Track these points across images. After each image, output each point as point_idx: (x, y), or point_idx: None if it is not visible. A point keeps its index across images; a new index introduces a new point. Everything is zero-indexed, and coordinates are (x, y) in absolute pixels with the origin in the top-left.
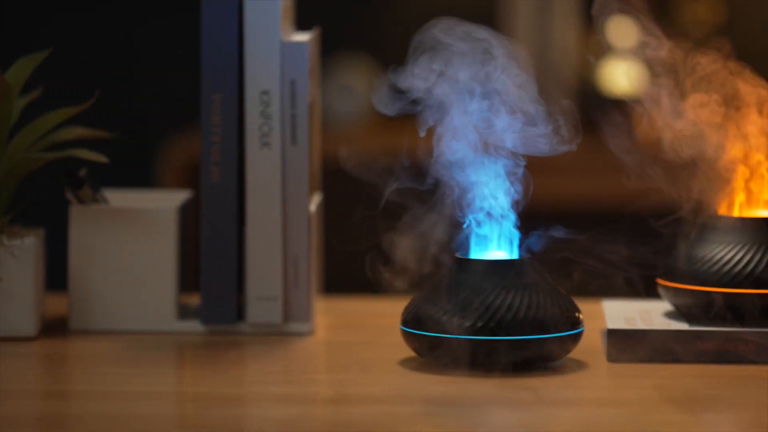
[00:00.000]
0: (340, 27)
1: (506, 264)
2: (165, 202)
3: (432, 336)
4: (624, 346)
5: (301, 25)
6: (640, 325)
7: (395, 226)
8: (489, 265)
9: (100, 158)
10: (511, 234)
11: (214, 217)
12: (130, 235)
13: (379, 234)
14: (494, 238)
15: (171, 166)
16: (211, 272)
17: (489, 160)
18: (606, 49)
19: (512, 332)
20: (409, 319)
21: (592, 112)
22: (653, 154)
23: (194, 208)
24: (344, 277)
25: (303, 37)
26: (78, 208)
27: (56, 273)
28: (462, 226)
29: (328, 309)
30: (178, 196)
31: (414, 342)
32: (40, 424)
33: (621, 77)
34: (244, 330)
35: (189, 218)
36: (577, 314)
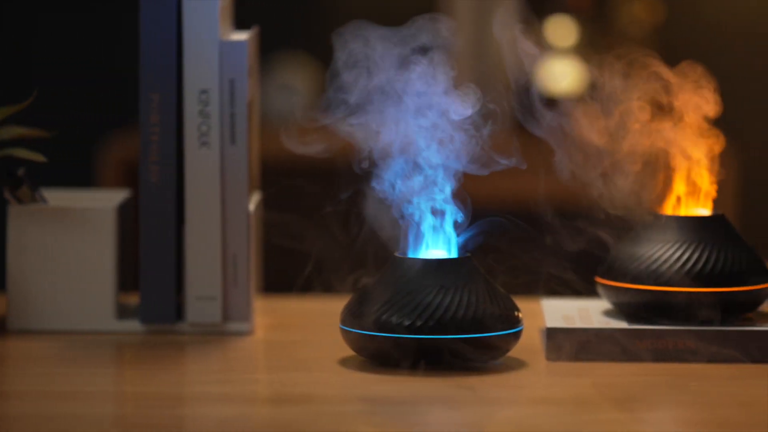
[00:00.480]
0: (279, 26)
1: (445, 263)
2: (104, 202)
3: (371, 335)
4: (563, 344)
5: (239, 24)
6: (578, 323)
7: (335, 225)
8: (428, 264)
9: (39, 157)
10: (451, 233)
11: (153, 216)
12: (69, 234)
13: (318, 234)
14: (434, 237)
15: (110, 165)
16: (150, 272)
17: (428, 160)
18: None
19: (451, 331)
20: (349, 318)
21: (531, 112)
22: (592, 153)
23: (133, 207)
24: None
25: (242, 36)
26: (16, 207)
27: None
28: (401, 225)
29: (268, 308)
30: (117, 196)
31: (353, 341)
32: None
33: (560, 77)
34: (183, 329)
35: (128, 217)
36: (516, 313)
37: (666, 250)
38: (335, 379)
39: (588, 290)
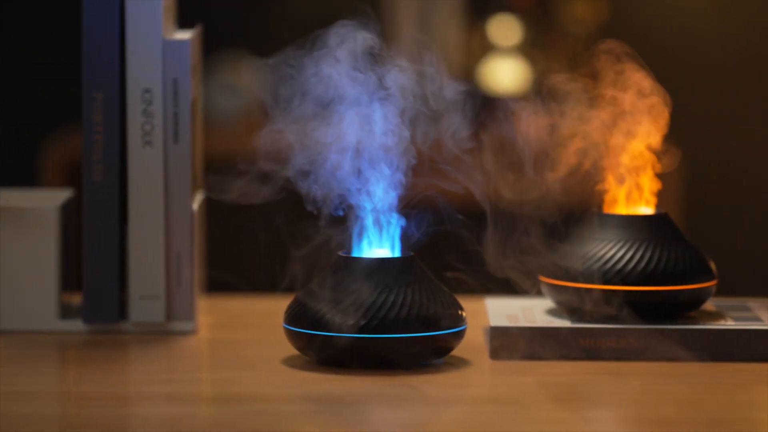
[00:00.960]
0: (223, 25)
1: (389, 262)
2: (47, 201)
3: (315, 334)
4: (506, 343)
5: (183, 24)
6: (522, 322)
7: (279, 224)
8: (372, 263)
9: None
10: (395, 232)
11: (96, 215)
12: (12, 234)
13: (262, 233)
14: (377, 237)
15: (53, 164)
16: (93, 271)
17: (372, 159)
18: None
19: (395, 330)
20: (292, 317)
21: (475, 111)
22: (536, 152)
23: (76, 206)
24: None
25: (185, 35)
26: None
27: None
28: (346, 224)
29: (211, 307)
30: (60, 195)
31: (297, 340)
32: None
33: (503, 76)
34: (126, 329)
35: (71, 217)
36: (460, 312)
37: (609, 249)
38: (279, 379)
39: (532, 289)
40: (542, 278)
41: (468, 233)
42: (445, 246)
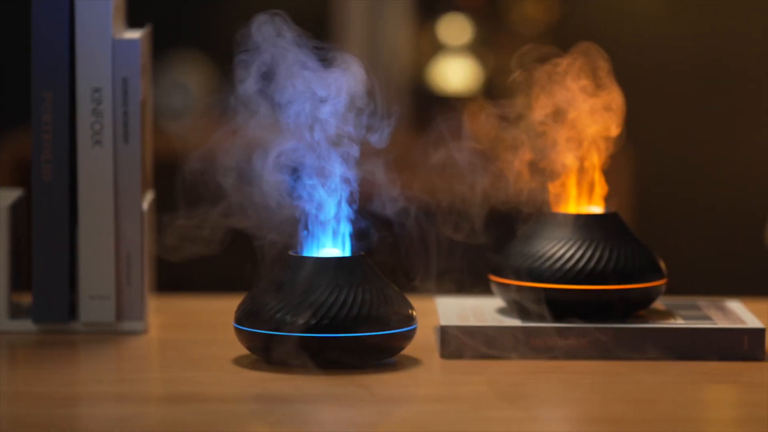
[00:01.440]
0: (173, 24)
1: (339, 261)
2: None
3: (265, 333)
4: (457, 342)
5: (132, 23)
6: (472, 321)
7: (228, 223)
8: (322, 263)
9: None
10: (344, 231)
11: (46, 215)
12: None
13: (212, 232)
14: (327, 236)
15: (2, 164)
16: (42, 271)
17: (321, 158)
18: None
19: (345, 329)
20: (243, 317)
21: (425, 110)
22: (486, 151)
23: (26, 206)
24: (177, 275)
25: (135, 34)
26: None
27: None
28: (295, 223)
29: (162, 307)
30: (10, 195)
31: (247, 340)
32: None
33: (453, 75)
34: (76, 329)
35: (20, 217)
36: (410, 311)
37: (559, 248)
38: (230, 378)
39: (482, 288)
40: (492, 277)
41: (417, 232)
42: (395, 245)
